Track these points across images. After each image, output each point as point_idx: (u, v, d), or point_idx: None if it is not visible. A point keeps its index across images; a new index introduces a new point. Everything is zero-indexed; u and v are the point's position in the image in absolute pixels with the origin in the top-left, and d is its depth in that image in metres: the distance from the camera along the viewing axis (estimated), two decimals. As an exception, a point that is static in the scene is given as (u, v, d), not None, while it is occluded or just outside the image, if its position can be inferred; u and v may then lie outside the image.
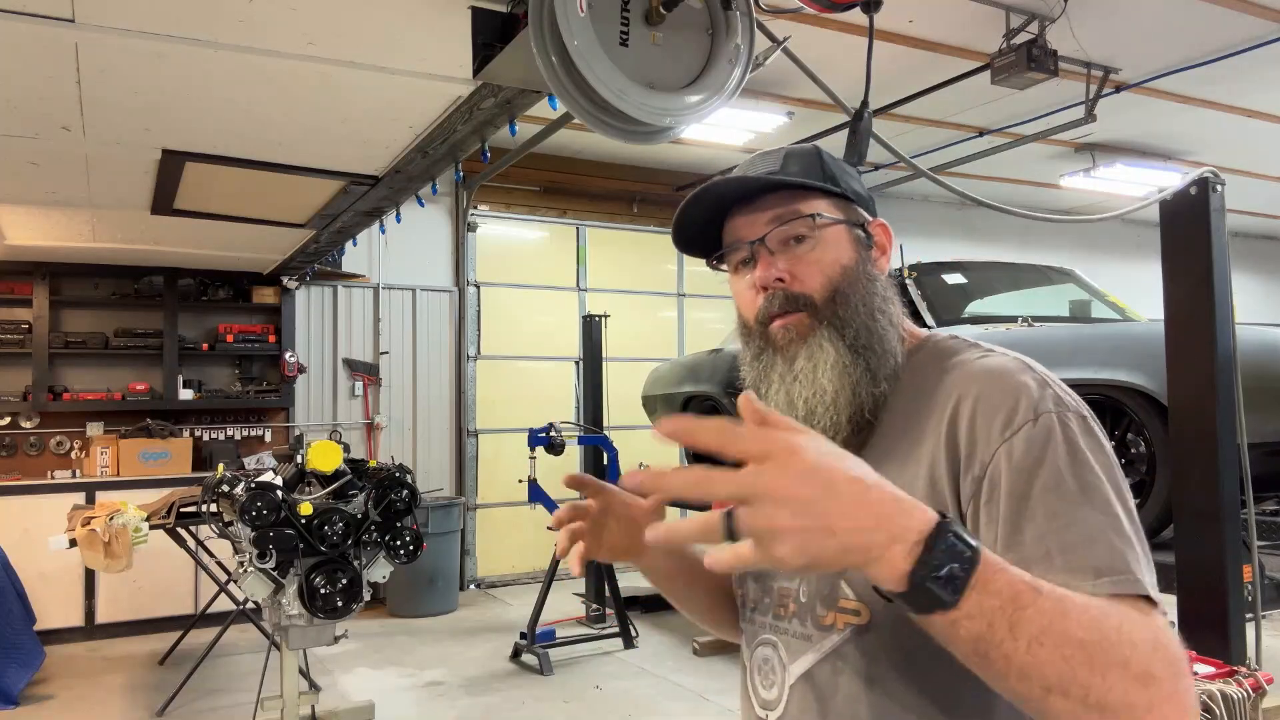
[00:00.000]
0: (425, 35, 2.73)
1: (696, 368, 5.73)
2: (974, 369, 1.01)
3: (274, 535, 3.35)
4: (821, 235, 1.10)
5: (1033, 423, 0.93)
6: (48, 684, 5.29)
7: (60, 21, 2.57)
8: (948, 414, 0.98)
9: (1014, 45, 5.28)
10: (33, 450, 6.70)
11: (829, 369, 1.06)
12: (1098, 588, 0.83)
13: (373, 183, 4.25)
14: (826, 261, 1.09)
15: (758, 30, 2.48)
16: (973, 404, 0.97)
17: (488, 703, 4.93)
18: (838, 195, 1.12)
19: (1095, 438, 0.94)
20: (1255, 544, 2.92)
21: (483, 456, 8.07)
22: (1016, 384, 0.96)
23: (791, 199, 1.10)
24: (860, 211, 1.15)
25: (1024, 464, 0.91)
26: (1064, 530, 0.88)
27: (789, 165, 1.13)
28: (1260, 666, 2.67)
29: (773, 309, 1.10)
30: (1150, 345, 3.24)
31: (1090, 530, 0.87)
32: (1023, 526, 0.89)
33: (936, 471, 0.97)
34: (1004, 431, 0.93)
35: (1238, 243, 10.80)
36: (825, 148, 1.20)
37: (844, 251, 1.10)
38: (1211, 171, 2.94)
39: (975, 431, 0.95)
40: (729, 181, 1.12)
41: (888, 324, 1.09)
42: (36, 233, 5.54)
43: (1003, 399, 0.95)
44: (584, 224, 8.55)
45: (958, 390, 0.99)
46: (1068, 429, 0.93)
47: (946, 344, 1.10)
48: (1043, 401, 0.94)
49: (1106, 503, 0.89)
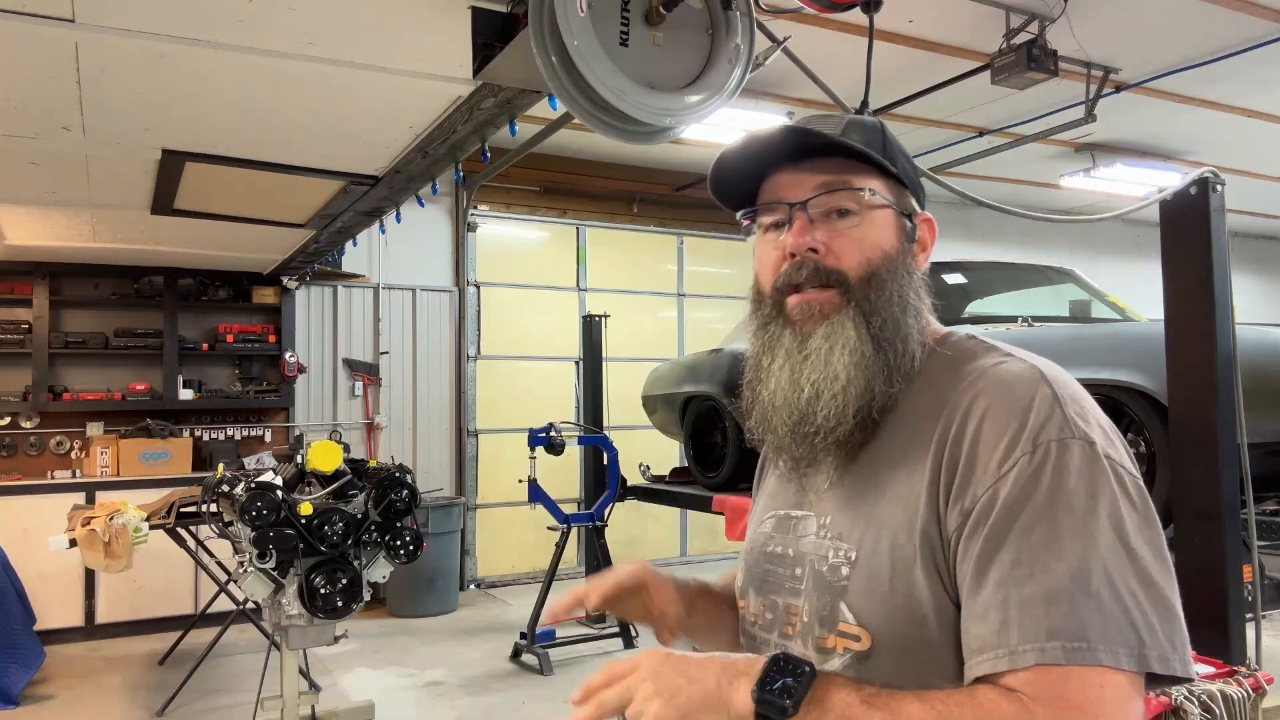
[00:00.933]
0: (425, 35, 2.73)
1: (696, 368, 5.73)
2: (987, 378, 0.95)
3: (274, 535, 3.35)
4: (869, 214, 1.03)
5: (1030, 455, 0.86)
6: (48, 684, 5.28)
7: (60, 21, 2.57)
8: (954, 425, 0.93)
9: (1014, 45, 5.28)
10: (33, 450, 6.70)
11: (846, 353, 0.99)
12: (1043, 652, 0.80)
13: (373, 183, 4.25)
14: (869, 242, 1.02)
15: (758, 30, 2.48)
16: (978, 421, 0.91)
17: (488, 703, 4.93)
18: (893, 177, 1.05)
19: (1100, 467, 0.87)
20: (1255, 544, 2.92)
21: (483, 456, 8.07)
22: (1026, 402, 0.89)
23: (845, 168, 1.03)
24: (910, 201, 1.07)
25: (1009, 501, 0.86)
26: (1024, 582, 0.83)
27: (850, 132, 1.03)
28: (1260, 666, 2.67)
29: (797, 278, 1.02)
30: (1150, 345, 3.24)
31: (1051, 587, 0.82)
32: (988, 571, 0.85)
33: (937, 486, 0.92)
34: (1001, 465, 0.87)
35: (1238, 243, 10.80)
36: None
37: (888, 236, 1.03)
38: (1211, 171, 2.94)
39: (975, 456, 0.90)
40: (788, 131, 1.03)
41: (914, 322, 1.02)
42: (36, 233, 5.54)
43: (1008, 419, 0.89)
44: (584, 224, 8.55)
45: (967, 399, 0.94)
46: (1063, 461, 0.86)
47: (964, 345, 1.03)
48: (1047, 426, 0.88)
49: (1083, 555, 0.82)
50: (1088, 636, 0.80)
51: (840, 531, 0.99)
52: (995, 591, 0.84)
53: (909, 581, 0.91)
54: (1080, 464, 0.86)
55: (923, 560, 0.90)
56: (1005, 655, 0.82)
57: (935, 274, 4.64)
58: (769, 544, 1.11)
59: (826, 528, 1.02)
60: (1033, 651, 0.80)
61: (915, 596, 0.90)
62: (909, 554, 0.91)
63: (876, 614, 0.93)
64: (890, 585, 0.92)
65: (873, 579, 0.94)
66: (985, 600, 0.85)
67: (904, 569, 0.91)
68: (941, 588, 0.90)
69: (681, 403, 5.82)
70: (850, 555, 0.97)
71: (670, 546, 8.84)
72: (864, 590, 0.94)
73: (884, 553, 0.93)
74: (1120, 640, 0.80)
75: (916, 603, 0.91)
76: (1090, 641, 0.80)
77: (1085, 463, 0.86)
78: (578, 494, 7.93)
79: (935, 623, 0.90)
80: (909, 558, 0.91)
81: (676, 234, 8.92)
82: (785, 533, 1.09)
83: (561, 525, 5.94)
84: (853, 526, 0.98)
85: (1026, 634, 0.81)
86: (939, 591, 0.90)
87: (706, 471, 5.73)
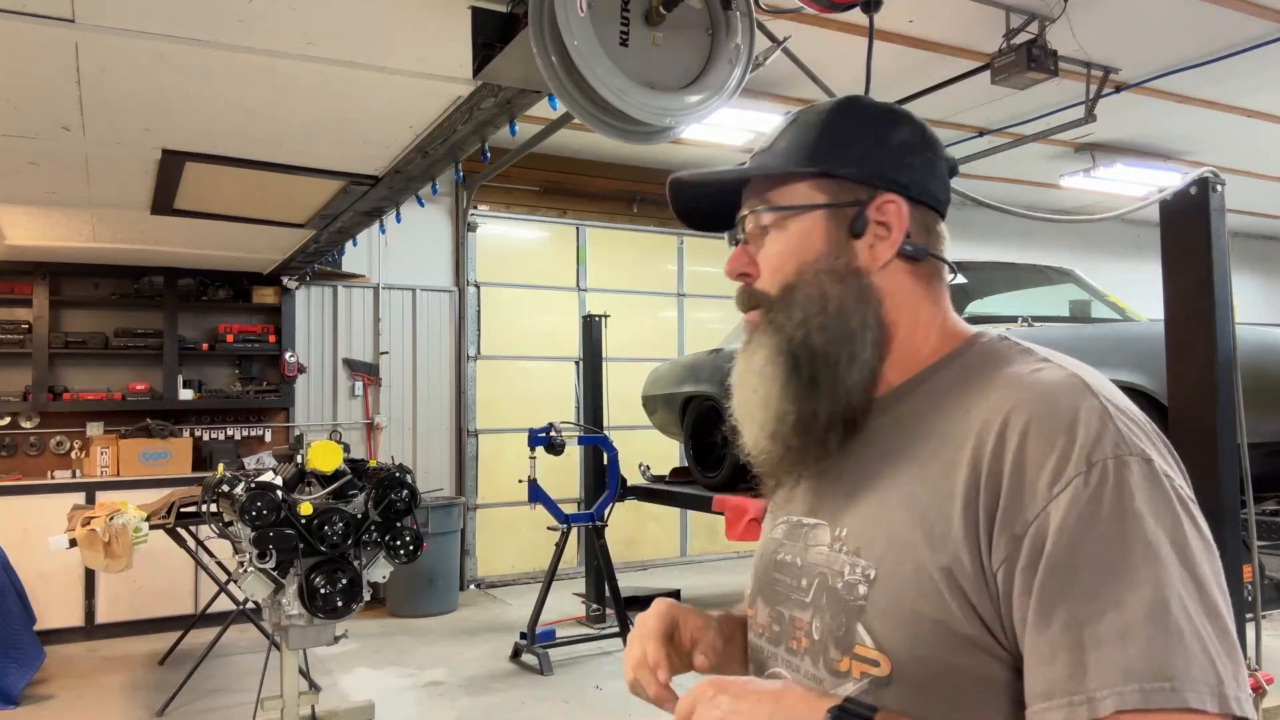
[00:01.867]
0: (425, 35, 2.73)
1: (696, 368, 5.73)
2: (1025, 386, 0.86)
3: (274, 535, 3.35)
4: (785, 224, 0.98)
5: (1085, 475, 0.78)
6: (48, 684, 5.28)
7: (60, 21, 2.57)
8: (992, 439, 0.84)
9: (1014, 45, 5.28)
10: (33, 450, 6.70)
11: (754, 373, 0.99)
12: (1124, 698, 0.72)
13: (373, 183, 4.25)
14: (784, 254, 0.98)
15: (758, 30, 2.48)
16: (1021, 435, 0.82)
17: (488, 703, 4.93)
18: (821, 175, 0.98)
19: (1161, 489, 0.79)
20: (1255, 544, 2.92)
21: (483, 456, 8.07)
22: (1073, 415, 0.81)
23: (769, 183, 1.01)
24: (861, 188, 0.98)
25: (1067, 527, 0.78)
26: (1098, 618, 0.75)
27: (780, 139, 1.02)
28: (1260, 666, 2.67)
29: (739, 302, 1.04)
30: (1150, 345, 3.24)
31: (1129, 620, 0.74)
32: (1054, 609, 0.77)
33: (975, 508, 0.83)
34: (1053, 485, 0.79)
35: (1238, 243, 10.80)
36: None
37: (808, 243, 0.97)
38: (1211, 171, 2.94)
39: (1024, 473, 0.81)
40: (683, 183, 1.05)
41: (853, 329, 0.95)
42: (36, 233, 5.54)
43: (1054, 434, 0.81)
44: (584, 224, 8.55)
45: (1005, 410, 0.85)
46: (1123, 482, 0.78)
47: (996, 348, 0.95)
48: (1101, 443, 0.80)
49: (1158, 581, 0.75)
50: (1171, 675, 0.72)
51: (859, 546, 0.92)
52: (1065, 632, 0.76)
53: (938, 607, 0.84)
54: (1142, 483, 0.79)
55: (950, 587, 0.83)
56: (1083, 703, 0.74)
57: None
58: (779, 551, 1.05)
59: (843, 540, 0.95)
60: (1112, 697, 0.72)
61: (944, 623, 0.84)
62: (936, 578, 0.84)
63: (899, 639, 0.86)
64: (914, 609, 0.85)
65: (895, 601, 0.87)
66: (1053, 640, 0.76)
67: (932, 593, 0.84)
68: (976, 616, 0.83)
69: (681, 403, 5.82)
70: (869, 573, 0.90)
71: (670, 547, 8.84)
72: (885, 612, 0.87)
73: (907, 574, 0.86)
74: (1203, 679, 0.73)
75: (945, 629, 0.84)
76: (1174, 680, 0.72)
77: (1147, 483, 0.79)
78: (578, 494, 7.93)
79: (965, 652, 0.83)
80: (935, 582, 0.84)
81: (676, 234, 8.92)
82: (796, 540, 1.02)
83: (561, 525, 5.94)
84: (873, 542, 0.91)
85: (1104, 675, 0.73)
86: (971, 619, 0.83)
87: (706, 471, 5.73)
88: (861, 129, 0.99)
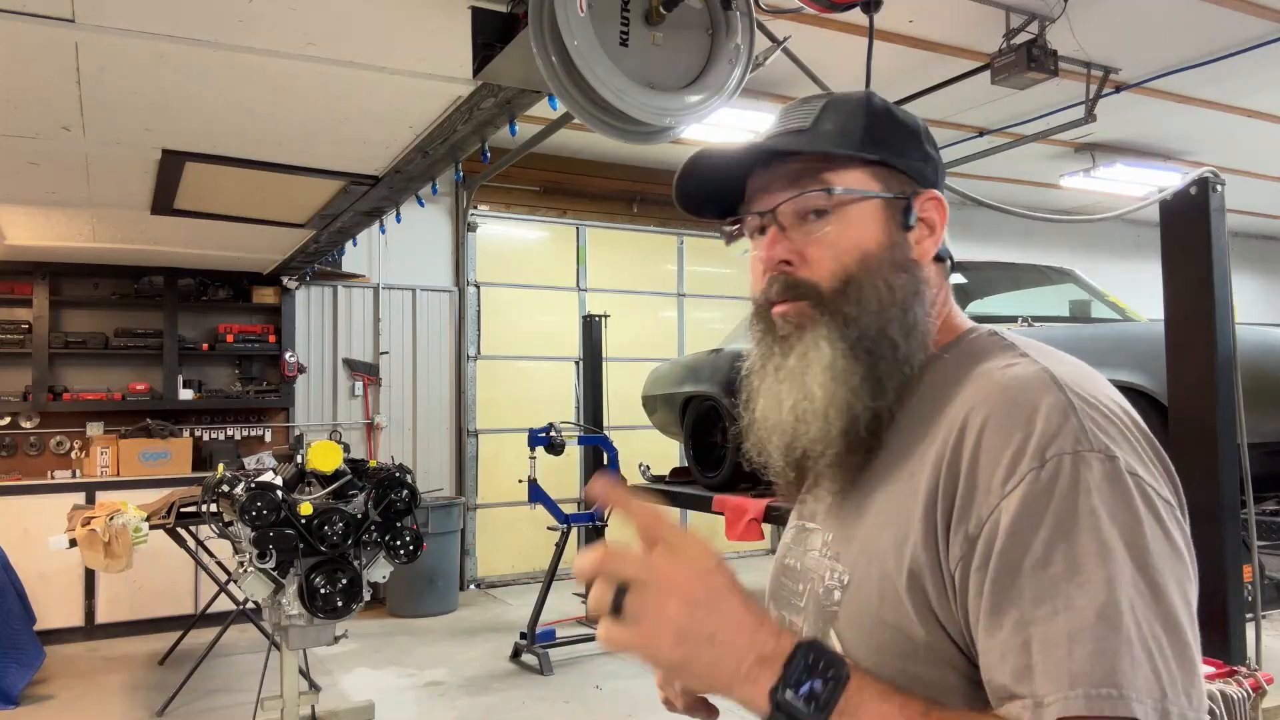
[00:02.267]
0: (425, 35, 2.73)
1: (696, 368, 5.73)
2: (991, 382, 0.84)
3: (274, 535, 3.35)
4: (843, 211, 0.92)
5: (1038, 471, 0.76)
6: (48, 684, 5.28)
7: (60, 21, 2.57)
8: (952, 439, 0.82)
9: (1014, 45, 5.28)
10: (33, 450, 6.70)
11: (820, 372, 0.91)
12: (1069, 703, 0.69)
13: (373, 183, 4.25)
14: (845, 244, 0.92)
15: (758, 30, 2.48)
16: (978, 433, 0.80)
17: (488, 703, 4.93)
18: (875, 162, 0.94)
19: (1122, 485, 0.76)
20: (1255, 544, 2.92)
21: (483, 456, 8.07)
22: (1033, 408, 0.79)
23: (814, 162, 0.93)
24: (908, 182, 0.95)
25: (1018, 526, 0.75)
26: (1048, 620, 0.72)
27: (824, 121, 0.95)
28: (1260, 666, 2.67)
29: (771, 294, 0.95)
30: (1150, 345, 3.24)
31: (1076, 624, 0.71)
32: (1005, 609, 0.74)
33: (933, 509, 0.82)
34: (1006, 482, 0.76)
35: (1238, 243, 10.80)
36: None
37: (869, 232, 0.92)
38: (1211, 171, 2.94)
39: (976, 474, 0.79)
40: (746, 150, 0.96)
41: (912, 324, 0.91)
42: (36, 233, 5.54)
43: (1012, 429, 0.78)
44: (584, 224, 8.55)
45: (968, 408, 0.83)
46: (1077, 478, 0.75)
47: (979, 344, 0.93)
48: (1059, 438, 0.77)
49: (1108, 583, 0.72)
50: (1118, 682, 0.69)
51: (838, 552, 0.92)
52: (1014, 633, 0.74)
53: (899, 613, 0.82)
54: (1101, 481, 0.75)
55: (910, 591, 0.81)
56: (1029, 706, 0.72)
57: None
58: (787, 556, 1.04)
59: (828, 545, 0.94)
60: (1057, 701, 0.70)
61: (903, 630, 0.82)
62: (898, 583, 0.82)
63: (864, 646, 0.84)
64: (878, 616, 0.84)
65: (861, 608, 0.86)
66: (1003, 642, 0.74)
67: (893, 600, 0.82)
68: (936, 623, 0.81)
69: (681, 403, 5.82)
70: (844, 579, 0.89)
71: (670, 546, 8.83)
72: (853, 619, 0.87)
73: (873, 581, 0.85)
74: (1147, 690, 0.70)
75: (904, 637, 0.82)
76: (1121, 688, 0.69)
77: (1106, 480, 0.75)
78: (578, 494, 7.93)
79: (926, 660, 0.81)
80: (898, 587, 0.82)
81: (676, 234, 8.92)
82: (799, 545, 1.02)
83: (561, 525, 5.94)
84: (849, 547, 0.90)
85: (1051, 679, 0.71)
86: (933, 627, 0.81)
87: (706, 471, 5.73)
88: (897, 124, 0.97)
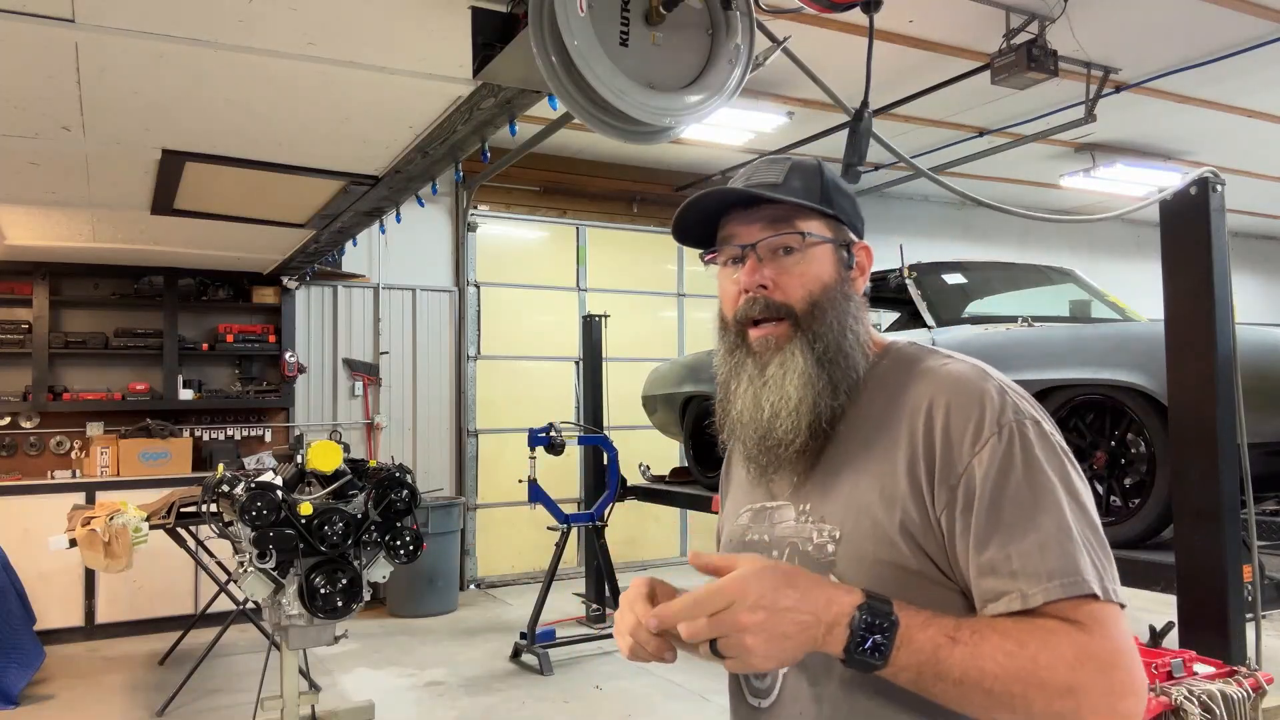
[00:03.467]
0: (425, 35, 2.73)
1: (696, 368, 5.73)
2: (941, 376, 1.11)
3: (274, 535, 3.35)
4: (809, 251, 1.18)
5: (997, 435, 1.04)
6: (48, 684, 5.29)
7: (60, 21, 2.57)
8: (922, 417, 1.08)
9: (1014, 45, 5.28)
10: (33, 450, 6.70)
11: (796, 377, 1.15)
12: (1049, 591, 0.98)
13: (373, 183, 4.25)
14: (810, 276, 1.18)
15: (758, 30, 2.48)
16: (945, 412, 1.07)
17: (488, 703, 4.93)
18: (830, 216, 1.20)
19: (1049, 442, 1.06)
20: (1255, 544, 2.92)
21: (483, 456, 8.07)
22: (980, 392, 1.07)
23: (788, 210, 1.18)
24: (847, 232, 1.22)
25: (990, 475, 1.03)
26: (1022, 538, 1.01)
27: (792, 179, 1.20)
28: (1260, 666, 2.67)
29: (752, 312, 1.18)
30: (1150, 345, 3.24)
31: (1043, 537, 1.00)
32: (990, 537, 1.02)
33: (916, 471, 1.07)
34: (974, 445, 1.04)
35: (1238, 243, 10.80)
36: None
37: (826, 269, 1.19)
38: (1211, 171, 2.94)
39: (950, 439, 1.06)
40: (735, 191, 1.20)
41: (855, 341, 1.18)
42: (36, 233, 5.54)
43: (969, 408, 1.06)
44: (584, 224, 8.55)
45: (929, 395, 1.10)
46: (1025, 439, 1.04)
47: (910, 351, 1.20)
48: (1004, 411, 1.06)
49: (1058, 508, 1.02)
50: (1076, 571, 0.99)
51: (823, 515, 1.15)
52: (999, 550, 1.01)
53: (892, 551, 1.07)
54: (1037, 439, 1.05)
55: (902, 533, 1.07)
56: (1018, 598, 0.99)
57: (935, 274, 4.61)
58: (747, 534, 1.25)
59: (808, 513, 1.17)
60: (1040, 592, 0.98)
61: (897, 564, 1.07)
62: (890, 530, 1.08)
63: (864, 581, 1.05)
64: (875, 557, 1.08)
65: (859, 552, 1.10)
66: (992, 559, 1.01)
67: (886, 542, 1.08)
68: (923, 554, 1.07)
69: (681, 403, 5.82)
70: (835, 534, 1.12)
71: (670, 546, 8.84)
72: (851, 562, 1.10)
73: (866, 530, 1.10)
74: (1095, 575, 0.99)
75: (898, 569, 1.07)
76: (1081, 574, 0.99)
77: (1040, 439, 1.05)
78: (578, 494, 7.93)
79: (915, 584, 1.06)
80: (890, 532, 1.08)
81: (676, 234, 8.90)
82: (761, 523, 1.23)
83: (561, 525, 5.94)
84: (834, 510, 1.14)
85: (1032, 579, 0.99)
86: (920, 557, 1.07)
87: (706, 471, 5.73)
88: (840, 189, 1.23)
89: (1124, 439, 3.52)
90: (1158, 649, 2.73)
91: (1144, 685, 0.99)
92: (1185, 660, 2.58)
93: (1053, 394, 3.63)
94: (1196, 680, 2.51)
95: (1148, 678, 1.00)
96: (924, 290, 4.59)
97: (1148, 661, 2.52)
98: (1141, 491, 3.43)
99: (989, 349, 3.95)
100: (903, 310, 5.16)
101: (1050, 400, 3.64)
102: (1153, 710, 2.38)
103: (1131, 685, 0.97)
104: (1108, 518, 3.51)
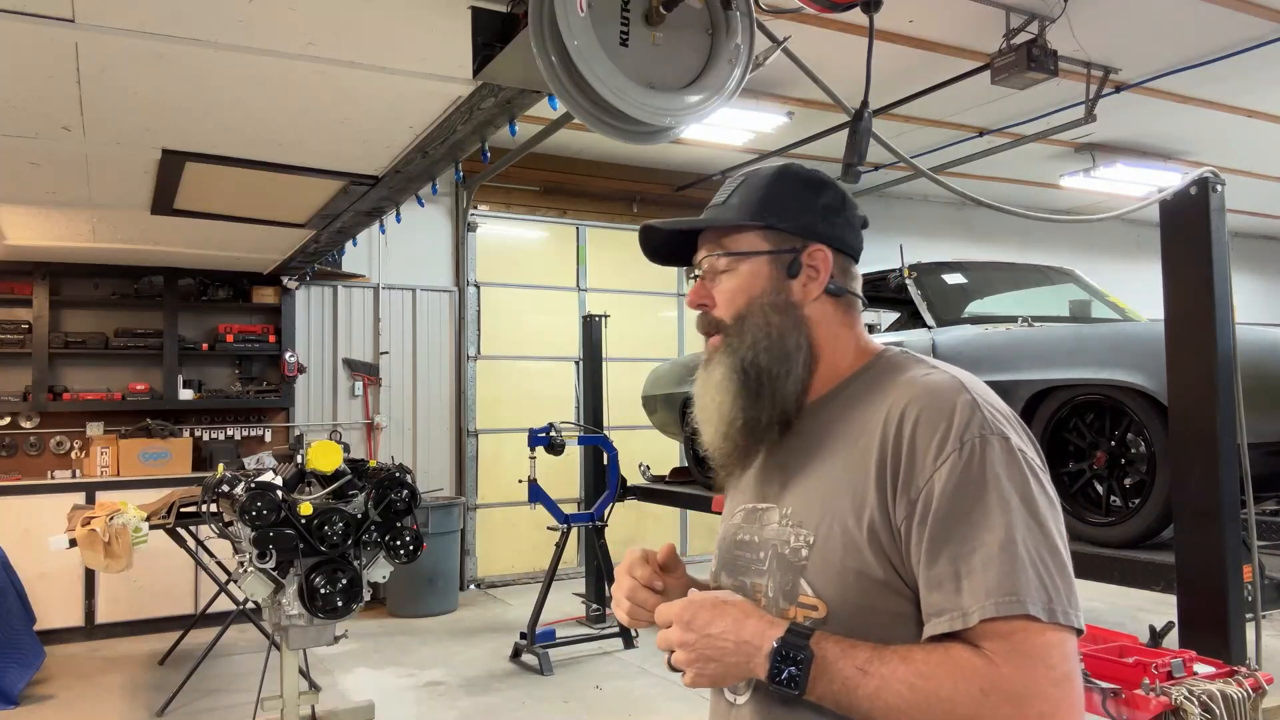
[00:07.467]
0: (425, 35, 2.73)
1: (696, 368, 5.72)
2: (917, 387, 1.13)
3: (274, 535, 3.35)
4: (739, 267, 1.23)
5: (959, 451, 1.05)
6: (48, 684, 5.29)
7: (60, 21, 2.57)
8: (894, 427, 1.10)
9: (1014, 45, 5.28)
10: (33, 450, 6.70)
11: (713, 386, 1.24)
12: (985, 609, 0.99)
13: (373, 183, 4.25)
14: (736, 290, 1.23)
15: (758, 30, 2.48)
16: (914, 423, 1.09)
17: (488, 703, 4.93)
18: (765, 227, 1.23)
19: (1014, 458, 1.06)
20: (1255, 544, 2.92)
21: (483, 456, 8.07)
22: (951, 405, 1.08)
23: (720, 231, 1.25)
24: (797, 238, 1.23)
25: (947, 491, 1.04)
26: (969, 555, 1.02)
27: (732, 198, 1.26)
28: (1260, 666, 2.67)
29: (700, 327, 1.28)
30: (1150, 345, 3.24)
31: (987, 555, 1.01)
32: (939, 551, 1.04)
33: (884, 480, 1.09)
34: (936, 459, 1.05)
35: (1238, 243, 10.80)
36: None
37: (756, 282, 1.23)
38: (1211, 171, 2.94)
39: (915, 450, 1.07)
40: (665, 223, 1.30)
41: (787, 350, 1.21)
42: (36, 233, 5.54)
43: (937, 421, 1.07)
44: (584, 224, 8.55)
45: (902, 405, 1.11)
46: (987, 455, 1.05)
47: (898, 359, 1.22)
48: (970, 426, 1.06)
49: (1008, 526, 1.02)
50: (1016, 591, 0.99)
51: (800, 520, 1.18)
52: (946, 565, 1.03)
53: (859, 560, 1.09)
54: (1000, 455, 1.05)
55: (870, 542, 1.09)
56: (959, 616, 1.01)
57: (936, 274, 4.60)
58: (739, 533, 1.28)
59: (788, 517, 1.20)
60: (977, 610, 0.99)
61: (864, 572, 1.09)
62: (859, 537, 1.10)
63: (832, 587, 1.10)
64: (842, 563, 1.11)
65: (828, 558, 1.12)
66: (939, 573, 1.03)
67: (854, 549, 1.10)
68: (888, 564, 1.08)
69: (681, 403, 5.81)
70: (809, 539, 1.15)
71: (670, 546, 8.83)
72: (821, 567, 1.12)
73: (836, 536, 1.12)
74: (1038, 597, 0.99)
75: (865, 577, 1.09)
76: (1019, 595, 0.98)
77: (1004, 455, 1.05)
78: (578, 494, 7.93)
79: (880, 593, 1.08)
80: (859, 540, 1.09)
81: (676, 234, 8.91)
82: (752, 523, 1.26)
83: (561, 525, 5.94)
84: (810, 515, 1.17)
85: (972, 596, 1.00)
86: (885, 566, 1.08)
87: (706, 471, 5.72)
88: (797, 191, 1.25)
89: (1124, 439, 3.52)
90: (1158, 649, 2.73)
91: (1072, 714, 0.99)
92: (1185, 660, 2.58)
93: (1053, 394, 3.63)
94: (1196, 680, 2.51)
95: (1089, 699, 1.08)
96: (924, 290, 4.59)
97: (1148, 661, 2.52)
98: (1141, 491, 3.43)
99: (989, 349, 3.95)
100: (903, 310, 5.16)
101: (1050, 400, 3.64)
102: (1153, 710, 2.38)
103: (1052, 715, 0.97)
104: (1108, 518, 3.51)
